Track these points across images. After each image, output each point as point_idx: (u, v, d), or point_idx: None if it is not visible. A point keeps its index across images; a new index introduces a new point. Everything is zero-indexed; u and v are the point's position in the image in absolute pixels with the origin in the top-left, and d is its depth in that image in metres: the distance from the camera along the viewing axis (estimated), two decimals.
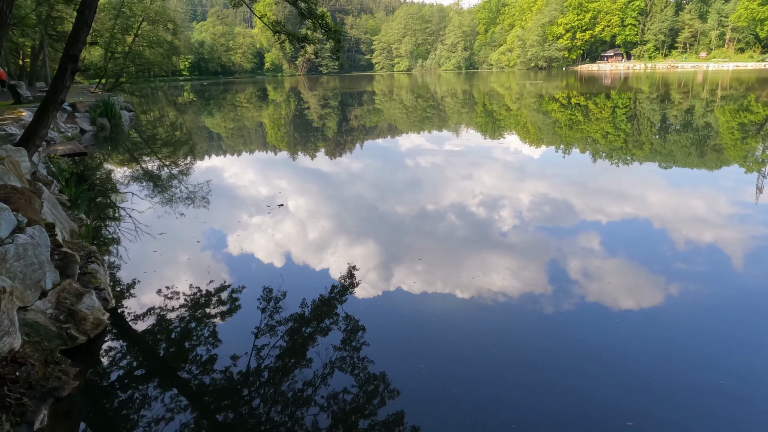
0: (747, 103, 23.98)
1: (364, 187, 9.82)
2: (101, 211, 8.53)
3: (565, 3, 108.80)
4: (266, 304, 5.02)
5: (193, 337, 4.43)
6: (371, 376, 3.80)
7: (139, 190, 9.85)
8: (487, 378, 3.70)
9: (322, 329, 4.52)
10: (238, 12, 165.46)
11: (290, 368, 3.92)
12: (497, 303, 4.82)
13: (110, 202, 9.16)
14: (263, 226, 7.40)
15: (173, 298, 5.12)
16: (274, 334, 4.44)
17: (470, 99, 34.31)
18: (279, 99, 41.27)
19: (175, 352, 4.21)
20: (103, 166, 12.55)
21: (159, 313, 4.79)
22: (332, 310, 4.86)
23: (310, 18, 11.42)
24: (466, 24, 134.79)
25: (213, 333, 4.48)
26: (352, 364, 3.99)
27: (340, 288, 5.32)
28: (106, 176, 11.42)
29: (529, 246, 6.30)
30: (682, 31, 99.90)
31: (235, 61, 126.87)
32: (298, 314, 4.77)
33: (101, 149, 15.18)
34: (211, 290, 5.32)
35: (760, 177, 9.62)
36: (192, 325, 4.63)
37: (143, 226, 7.40)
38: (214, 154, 14.56)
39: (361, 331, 4.47)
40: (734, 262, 5.56)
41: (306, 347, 4.24)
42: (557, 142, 14.78)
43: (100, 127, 19.26)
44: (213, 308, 4.96)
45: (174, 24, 37.17)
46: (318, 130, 19.62)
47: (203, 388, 3.70)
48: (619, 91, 36.30)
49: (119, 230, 7.42)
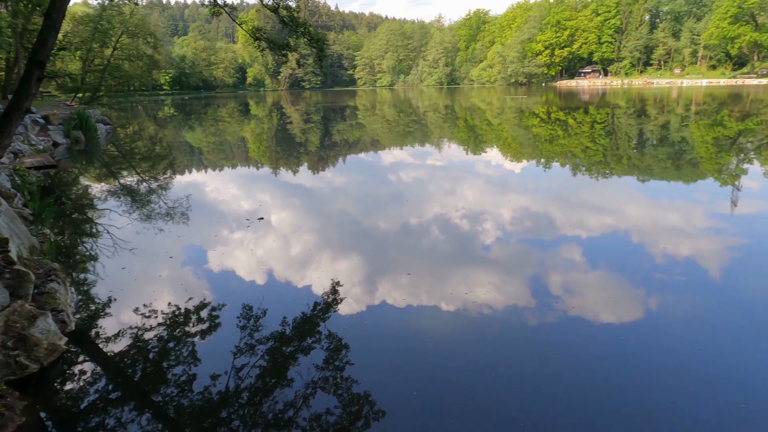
0: (720, 118, 24.57)
1: (347, 201, 9.66)
2: (70, 227, 8.20)
3: (544, 21, 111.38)
4: (246, 322, 4.81)
5: (163, 362, 4.18)
6: (355, 396, 3.61)
7: (112, 204, 9.53)
8: (474, 396, 3.60)
9: (304, 348, 4.36)
10: (219, 27, 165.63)
11: (271, 389, 3.72)
12: (482, 317, 4.71)
13: (80, 216, 8.83)
14: (244, 241, 7.18)
15: (143, 318, 4.87)
16: (253, 353, 4.24)
17: (452, 114, 34.56)
18: (261, 114, 41.03)
19: (142, 378, 3.95)
20: (75, 179, 12.16)
21: (126, 336, 4.52)
22: (314, 328, 4.71)
23: (291, 26, 11.22)
24: (447, 40, 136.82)
25: (188, 355, 4.25)
26: (335, 384, 3.81)
27: (322, 305, 5.16)
28: (77, 190, 11.06)
29: (513, 259, 6.21)
30: (656, 48, 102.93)
31: (216, 75, 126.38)
32: (279, 332, 4.60)
33: (75, 163, 14.73)
34: (187, 309, 5.08)
35: (734, 190, 9.72)
36: (163, 348, 4.38)
37: (114, 242, 7.12)
38: (194, 169, 14.28)
39: (344, 349, 4.32)
40: (711, 273, 5.56)
41: (287, 367, 4.06)
42: (538, 157, 14.85)
43: (75, 140, 18.77)
44: (188, 328, 4.73)
45: (154, 38, 36.73)
46: (301, 145, 19.46)
47: (171, 418, 3.44)
48: (597, 106, 36.96)
49: (88, 246, 7.12)
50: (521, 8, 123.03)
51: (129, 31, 33.38)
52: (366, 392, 3.68)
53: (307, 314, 4.96)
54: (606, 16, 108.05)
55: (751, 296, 5.02)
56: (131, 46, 34.20)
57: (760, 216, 7.90)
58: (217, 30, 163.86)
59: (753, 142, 16.22)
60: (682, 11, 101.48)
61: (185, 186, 11.55)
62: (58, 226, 7.95)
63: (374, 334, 4.55)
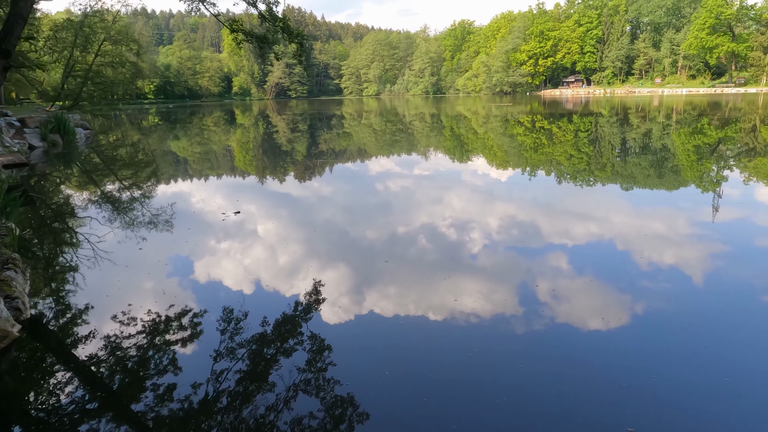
0: (700, 126, 25.11)
1: (333, 211, 9.64)
2: (40, 224, 8.03)
3: (528, 31, 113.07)
4: (226, 325, 4.71)
5: (121, 351, 4.08)
6: (338, 398, 3.57)
7: (85, 204, 9.38)
8: (458, 398, 3.56)
9: (287, 357, 4.26)
10: (205, 37, 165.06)
11: (252, 394, 3.65)
12: (468, 324, 4.70)
13: (50, 214, 8.66)
14: (228, 249, 7.10)
15: (105, 309, 4.76)
16: (234, 357, 4.14)
17: (438, 123, 34.80)
18: (247, 123, 40.90)
19: (99, 369, 3.85)
20: (48, 179, 11.94)
21: (85, 326, 4.44)
22: (299, 337, 4.61)
23: (270, 21, 11.16)
24: (433, 50, 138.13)
25: (161, 355, 4.15)
26: (317, 386, 3.74)
27: (307, 314, 5.08)
28: (48, 188, 10.85)
29: (500, 267, 6.23)
30: (637, 58, 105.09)
31: (202, 84, 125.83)
32: (260, 335, 4.50)
33: (51, 166, 14.49)
34: (167, 316, 4.99)
35: (715, 197, 9.92)
36: (123, 336, 4.28)
37: (85, 239, 6.98)
38: (174, 174, 14.15)
39: (327, 350, 4.23)
40: (695, 279, 5.63)
41: (269, 371, 3.96)
42: (523, 165, 15.00)
43: (52, 144, 18.46)
44: (162, 329, 4.64)
45: (138, 45, 36.52)
46: (287, 154, 19.41)
47: (129, 411, 3.37)
48: (581, 114, 37.53)
49: (54, 242, 6.97)
50: (505, 19, 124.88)
51: (111, 37, 33.15)
52: (350, 394, 3.65)
53: (291, 324, 4.90)
54: (588, 27, 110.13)
55: (735, 300, 5.11)
56: (114, 53, 33.95)
57: (741, 222, 8.07)
58: (203, 39, 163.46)
59: (732, 150, 16.59)
60: (661, 22, 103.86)
61: (165, 192, 11.39)
62: (25, 221, 7.78)
63: (359, 338, 4.53)
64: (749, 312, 4.87)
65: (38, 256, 6.46)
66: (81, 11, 31.19)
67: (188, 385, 3.83)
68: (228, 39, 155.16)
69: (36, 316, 4.38)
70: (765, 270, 5.88)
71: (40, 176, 12.01)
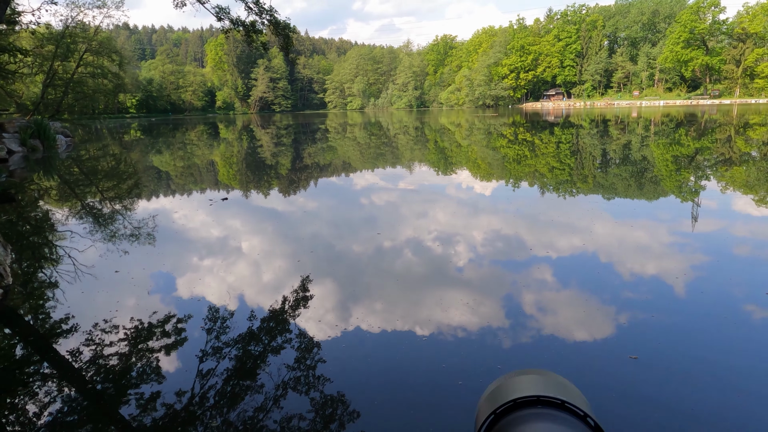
0: (678, 137, 25.71)
1: (319, 225, 9.60)
2: (10, 218, 7.86)
3: (509, 46, 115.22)
4: (208, 332, 4.62)
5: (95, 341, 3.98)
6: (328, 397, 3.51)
7: (62, 207, 9.16)
8: (448, 399, 3.50)
9: (276, 375, 4.18)
10: (188, 51, 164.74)
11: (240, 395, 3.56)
12: (456, 337, 4.66)
13: (28, 217, 8.47)
14: (210, 265, 6.99)
15: (81, 291, 4.65)
16: (221, 356, 4.05)
17: (422, 136, 35.06)
18: (231, 137, 40.71)
19: (87, 366, 3.73)
20: (24, 177, 11.69)
21: (65, 319, 4.30)
22: (288, 354, 4.54)
23: (256, 12, 11.09)
24: (416, 65, 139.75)
25: (150, 365, 4.05)
26: (307, 383, 3.67)
27: (294, 329, 5.00)
28: (25, 189, 10.63)
29: (486, 280, 6.24)
30: (615, 72, 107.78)
31: (185, 98, 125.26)
32: (248, 339, 4.42)
33: (30, 171, 14.19)
34: (148, 325, 4.87)
35: (694, 206, 10.12)
36: (96, 322, 4.17)
37: (64, 239, 6.84)
38: (155, 184, 13.96)
39: (321, 361, 4.17)
40: (677, 289, 5.69)
41: (257, 369, 3.88)
42: (507, 177, 15.16)
43: (31, 149, 18.12)
44: (141, 333, 4.52)
45: (120, 56, 36.34)
46: (271, 168, 19.33)
47: (117, 414, 3.27)
48: (562, 126, 38.15)
49: (32, 232, 6.82)
50: (486, 34, 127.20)
51: (93, 48, 33.00)
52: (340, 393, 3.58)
53: (277, 341, 4.84)
54: (567, 42, 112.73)
55: (719, 308, 5.18)
56: (95, 63, 33.79)
57: (720, 231, 8.22)
58: (186, 54, 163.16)
59: (709, 159, 16.99)
60: (638, 37, 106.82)
61: (145, 202, 11.24)
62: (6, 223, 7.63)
63: (352, 351, 4.48)
64: (731, 323, 4.94)
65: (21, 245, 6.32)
66: (62, 22, 31.04)
67: (173, 393, 3.75)
68: (211, 54, 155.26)
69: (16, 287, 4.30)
70: (745, 279, 5.99)
71: (15, 178, 11.80)
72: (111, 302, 5.80)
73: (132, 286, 6.35)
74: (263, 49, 15.07)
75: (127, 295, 6.03)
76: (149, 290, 6.22)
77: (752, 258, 6.81)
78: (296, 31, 15.85)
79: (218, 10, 11.55)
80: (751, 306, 5.24)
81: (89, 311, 5.58)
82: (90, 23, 32.39)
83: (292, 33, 11.70)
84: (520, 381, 0.78)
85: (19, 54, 26.74)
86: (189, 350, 4.66)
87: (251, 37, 11.35)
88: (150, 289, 6.25)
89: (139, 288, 6.28)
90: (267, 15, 10.75)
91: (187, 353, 4.60)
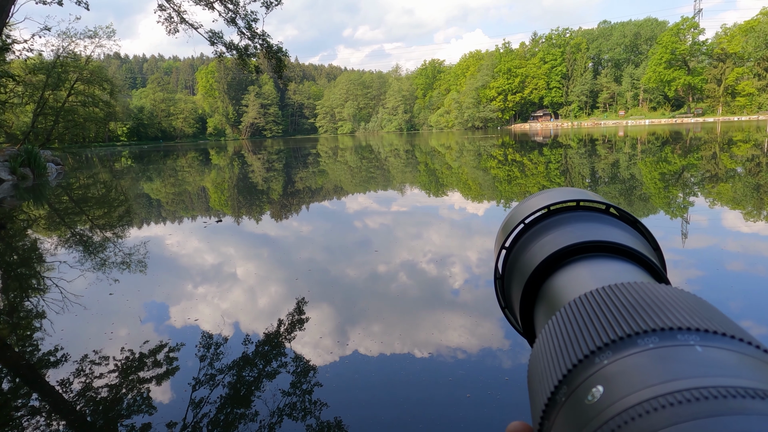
0: (664, 154, 26.13)
1: (312, 249, 9.55)
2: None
3: (496, 69, 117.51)
4: (201, 359, 4.52)
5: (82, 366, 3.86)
6: None
7: (51, 236, 9.06)
8: (448, 422, 3.43)
9: (272, 405, 4.09)
10: (179, 80, 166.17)
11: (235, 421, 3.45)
12: (455, 358, 4.60)
13: (16, 246, 8.35)
14: (204, 293, 6.91)
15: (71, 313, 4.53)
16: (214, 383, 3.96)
17: (413, 158, 35.33)
18: (222, 163, 40.77)
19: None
20: (14, 205, 11.58)
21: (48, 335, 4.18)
22: (282, 380, 4.45)
23: (248, 37, 11.23)
24: (405, 89, 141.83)
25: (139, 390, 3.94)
26: (303, 409, 3.59)
27: (291, 353, 4.92)
28: (14, 217, 10.51)
29: (483, 301, 6.21)
30: (601, 92, 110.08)
31: (176, 126, 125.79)
32: (242, 362, 4.32)
33: (20, 200, 14.04)
34: (136, 351, 4.77)
35: (683, 223, 10.22)
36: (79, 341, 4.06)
37: (44, 271, 6.72)
38: (146, 211, 13.86)
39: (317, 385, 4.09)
40: None
41: (252, 394, 3.79)
42: (498, 198, 15.25)
43: (22, 177, 17.99)
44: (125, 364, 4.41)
45: (111, 84, 36.56)
46: (263, 193, 19.33)
47: None
48: (551, 147, 38.66)
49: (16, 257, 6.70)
50: (474, 57, 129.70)
51: (84, 77, 33.19)
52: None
53: (272, 366, 4.76)
54: (553, 64, 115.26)
55: None
56: (87, 92, 33.95)
57: (710, 247, 8.29)
58: (177, 82, 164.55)
59: (696, 176, 17.25)
60: (621, 58, 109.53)
61: (137, 233, 11.15)
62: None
63: (348, 364, 4.40)
64: None
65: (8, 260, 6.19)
66: (53, 52, 31.28)
67: (164, 424, 3.64)
68: (202, 81, 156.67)
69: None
70: (737, 293, 6.01)
71: (9, 209, 11.67)
72: (101, 332, 5.69)
73: (123, 314, 6.25)
74: (256, 72, 15.23)
75: (119, 324, 5.92)
76: (141, 318, 6.12)
77: (745, 274, 6.85)
78: (288, 55, 16.08)
79: (212, 34, 11.70)
80: (747, 322, 5.25)
81: (79, 341, 5.46)
82: (81, 53, 32.70)
83: (284, 56, 11.85)
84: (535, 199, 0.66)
85: (11, 82, 26.82)
86: (181, 379, 4.56)
87: (244, 61, 11.48)
88: (142, 318, 6.15)
89: (131, 317, 6.18)
90: (259, 39, 10.91)
91: (180, 382, 4.50)
